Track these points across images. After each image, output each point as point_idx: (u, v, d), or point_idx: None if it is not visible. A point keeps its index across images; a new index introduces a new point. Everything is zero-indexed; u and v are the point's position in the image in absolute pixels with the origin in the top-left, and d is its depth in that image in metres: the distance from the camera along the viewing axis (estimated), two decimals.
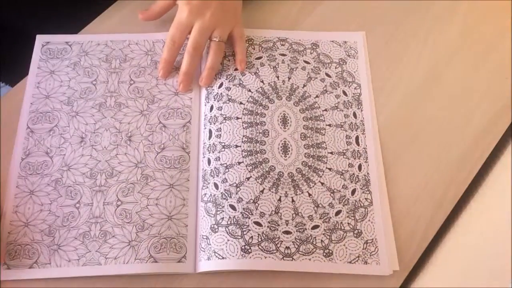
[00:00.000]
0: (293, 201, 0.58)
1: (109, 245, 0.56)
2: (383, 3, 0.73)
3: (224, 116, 0.62)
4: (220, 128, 0.62)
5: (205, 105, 0.64)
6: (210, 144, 0.61)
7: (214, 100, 0.64)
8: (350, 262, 0.56)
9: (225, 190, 0.58)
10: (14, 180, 0.59)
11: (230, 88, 0.64)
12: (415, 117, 0.65)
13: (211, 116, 0.63)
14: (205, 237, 0.56)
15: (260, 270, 0.56)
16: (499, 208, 0.51)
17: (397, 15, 0.72)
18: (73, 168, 0.60)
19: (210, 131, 0.62)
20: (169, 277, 0.56)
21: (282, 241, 0.56)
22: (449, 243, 0.57)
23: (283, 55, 0.68)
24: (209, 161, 0.60)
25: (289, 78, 0.66)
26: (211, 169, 0.60)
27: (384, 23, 0.69)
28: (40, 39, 0.69)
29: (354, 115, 0.65)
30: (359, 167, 0.61)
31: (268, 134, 0.62)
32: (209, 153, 0.61)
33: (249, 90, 0.64)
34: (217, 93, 0.64)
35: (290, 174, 0.60)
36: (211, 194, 0.58)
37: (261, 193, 0.58)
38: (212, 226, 0.56)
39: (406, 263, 0.57)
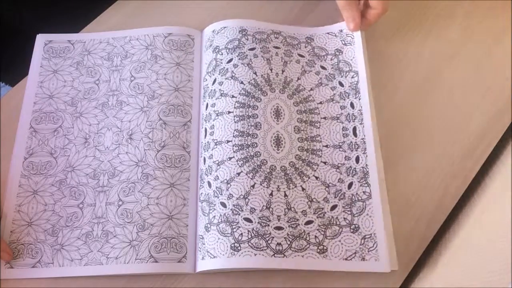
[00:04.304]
0: (285, 195, 0.57)
1: (110, 245, 0.56)
2: None
3: (217, 112, 0.61)
4: (213, 125, 0.61)
5: (202, 104, 0.64)
6: (205, 143, 0.60)
7: (209, 98, 0.63)
8: (346, 259, 0.54)
9: (216, 187, 0.57)
10: (17, 179, 0.60)
11: (223, 83, 0.63)
12: (415, 117, 0.65)
13: (206, 115, 0.62)
14: (201, 236, 0.56)
15: (257, 269, 0.55)
16: (499, 208, 0.51)
17: (397, 15, 0.72)
18: (77, 169, 0.60)
19: (206, 130, 0.61)
20: (169, 277, 0.56)
21: (273, 237, 0.54)
22: (449, 243, 0.57)
23: (277, 47, 0.67)
24: (204, 160, 0.60)
25: (282, 71, 0.65)
26: (206, 168, 0.59)
27: (384, 23, 0.69)
28: (41, 38, 0.69)
29: (352, 105, 0.63)
30: (357, 159, 0.59)
31: (260, 127, 0.60)
32: (205, 151, 0.60)
33: (242, 82, 0.62)
34: (211, 90, 0.63)
35: (283, 167, 0.58)
36: (205, 193, 0.57)
37: (251, 188, 0.56)
38: (206, 225, 0.56)
39: (406, 263, 0.57)
